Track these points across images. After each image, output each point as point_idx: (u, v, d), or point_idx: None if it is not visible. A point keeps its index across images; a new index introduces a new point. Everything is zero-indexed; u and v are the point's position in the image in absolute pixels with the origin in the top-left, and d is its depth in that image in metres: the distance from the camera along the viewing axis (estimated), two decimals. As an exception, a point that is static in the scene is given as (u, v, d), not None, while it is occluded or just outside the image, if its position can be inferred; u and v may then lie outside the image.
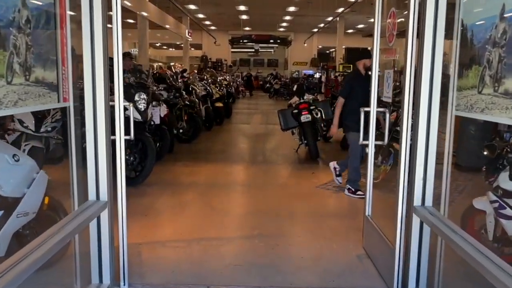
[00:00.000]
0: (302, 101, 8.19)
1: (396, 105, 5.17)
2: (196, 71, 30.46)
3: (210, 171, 7.22)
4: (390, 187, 4.04)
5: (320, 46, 37.16)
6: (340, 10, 23.53)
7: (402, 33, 3.20)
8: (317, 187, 6.21)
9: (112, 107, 2.96)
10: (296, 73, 35.85)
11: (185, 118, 9.49)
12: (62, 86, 2.67)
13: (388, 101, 4.10)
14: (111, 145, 3.00)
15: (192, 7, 23.93)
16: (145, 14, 17.57)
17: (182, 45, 28.06)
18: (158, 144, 7.44)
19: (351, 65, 29.91)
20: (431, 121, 2.95)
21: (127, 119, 3.05)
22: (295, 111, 8.08)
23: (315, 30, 32.22)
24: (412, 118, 3.03)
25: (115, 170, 3.05)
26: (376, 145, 3.90)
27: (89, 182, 2.99)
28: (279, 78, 30.03)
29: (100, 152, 2.97)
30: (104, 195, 3.00)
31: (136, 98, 6.18)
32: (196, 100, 9.82)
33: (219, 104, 12.67)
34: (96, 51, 2.84)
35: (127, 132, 3.05)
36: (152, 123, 6.68)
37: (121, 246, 3.10)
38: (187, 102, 9.42)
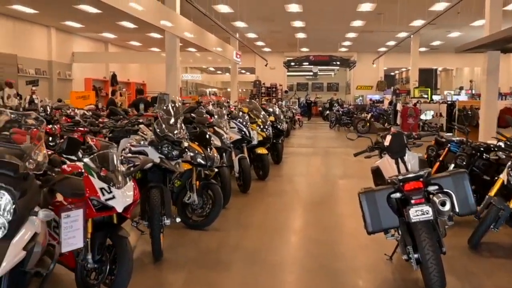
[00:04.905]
0: (411, 175, 3.98)
1: None
2: (248, 98, 27.28)
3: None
4: None
5: (385, 68, 32.55)
6: (417, 23, 19.04)
7: None
8: None
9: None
10: (360, 98, 31.45)
11: (197, 187, 5.67)
12: None
13: None
14: None
15: (240, 24, 20.38)
16: (189, 35, 14.36)
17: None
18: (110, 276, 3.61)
19: (429, 89, 25.19)
20: None
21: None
22: (397, 195, 3.95)
23: (383, 49, 27.77)
24: None
25: None
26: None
27: None
28: (341, 105, 25.66)
29: None
30: None
31: None
32: (216, 155, 5.91)
33: (262, 151, 8.78)
34: None
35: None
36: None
37: None
38: (200, 160, 5.59)
